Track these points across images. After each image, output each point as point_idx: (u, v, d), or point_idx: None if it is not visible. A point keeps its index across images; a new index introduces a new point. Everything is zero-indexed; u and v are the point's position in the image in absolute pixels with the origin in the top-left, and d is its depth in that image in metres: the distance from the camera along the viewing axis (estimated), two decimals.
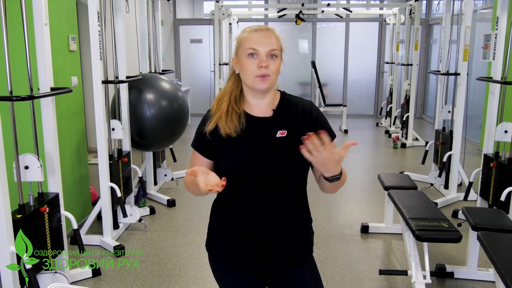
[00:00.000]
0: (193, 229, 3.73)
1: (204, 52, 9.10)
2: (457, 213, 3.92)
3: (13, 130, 2.29)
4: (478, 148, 6.27)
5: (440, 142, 4.57)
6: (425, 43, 9.28)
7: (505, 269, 2.00)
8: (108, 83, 3.39)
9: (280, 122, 1.41)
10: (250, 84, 1.37)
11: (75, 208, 3.53)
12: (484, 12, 6.91)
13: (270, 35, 1.37)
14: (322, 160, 1.21)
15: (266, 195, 1.41)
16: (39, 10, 2.41)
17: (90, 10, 3.05)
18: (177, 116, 3.95)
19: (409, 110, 6.89)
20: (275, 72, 1.37)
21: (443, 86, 4.71)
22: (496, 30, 3.47)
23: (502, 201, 3.10)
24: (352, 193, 4.60)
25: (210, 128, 1.41)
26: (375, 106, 9.72)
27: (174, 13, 9.41)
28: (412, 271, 2.64)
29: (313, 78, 8.93)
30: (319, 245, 3.38)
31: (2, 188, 2.10)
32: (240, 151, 1.40)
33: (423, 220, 2.64)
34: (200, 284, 2.86)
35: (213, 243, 1.53)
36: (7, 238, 2.15)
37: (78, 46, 3.68)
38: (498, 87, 3.47)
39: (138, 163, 4.41)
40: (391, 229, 3.58)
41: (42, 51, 2.45)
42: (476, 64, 6.65)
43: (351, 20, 9.35)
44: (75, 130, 3.63)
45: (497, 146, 3.44)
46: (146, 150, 4.29)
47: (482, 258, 2.94)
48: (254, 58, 1.35)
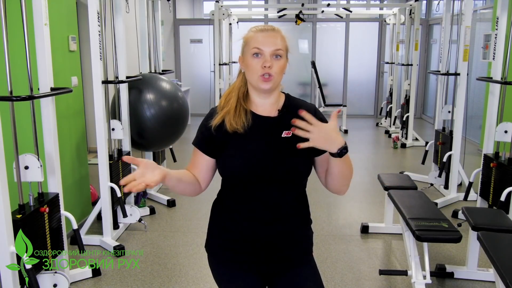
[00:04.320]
0: (193, 229, 3.73)
1: (204, 52, 9.10)
2: (457, 213, 3.92)
3: (13, 130, 2.28)
4: (478, 148, 6.27)
5: (440, 142, 4.57)
6: (425, 43, 9.28)
7: (505, 269, 2.00)
8: (108, 83, 3.39)
9: (286, 122, 1.41)
10: (254, 83, 1.38)
11: (75, 208, 3.53)
12: (484, 12, 6.91)
13: (275, 35, 1.38)
14: (320, 135, 1.22)
15: (267, 195, 1.41)
16: (39, 10, 2.41)
17: (90, 10, 3.06)
18: (177, 116, 3.95)
19: (409, 110, 6.89)
20: (278, 73, 1.37)
21: (443, 86, 4.71)
22: (496, 30, 3.47)
23: (502, 201, 3.09)
24: (352, 193, 4.60)
25: (216, 123, 1.41)
26: (375, 106, 9.72)
27: (174, 13, 9.41)
28: (412, 271, 2.64)
29: (313, 78, 8.93)
30: (319, 245, 3.38)
31: (2, 188, 2.10)
32: (245, 148, 1.40)
33: (423, 220, 2.64)
34: (200, 284, 2.86)
35: (213, 243, 1.53)
36: (7, 238, 2.15)
37: (78, 46, 3.68)
38: (498, 87, 3.47)
39: None
40: (391, 229, 3.58)
41: (42, 51, 2.45)
42: (476, 64, 6.65)
43: (351, 20, 9.35)
44: (75, 130, 3.63)
45: (497, 146, 3.44)
46: (146, 150, 4.29)
47: (482, 258, 2.94)
48: (258, 58, 1.36)
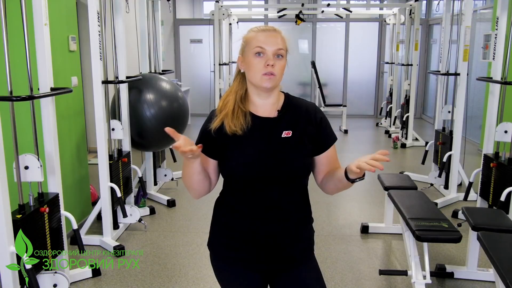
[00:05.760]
0: (193, 229, 3.73)
1: (204, 52, 9.10)
2: (457, 213, 3.92)
3: (13, 130, 2.28)
4: (478, 148, 6.27)
5: (440, 142, 4.57)
6: (425, 43, 9.29)
7: (505, 269, 2.00)
8: (108, 83, 3.39)
9: (285, 122, 1.43)
10: (256, 82, 1.38)
11: (75, 208, 3.53)
12: (484, 12, 6.91)
13: (277, 35, 1.39)
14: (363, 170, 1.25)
15: (269, 195, 1.41)
16: (39, 10, 2.41)
17: (90, 10, 3.06)
18: (177, 116, 3.95)
19: (409, 110, 6.89)
20: (280, 72, 1.38)
21: (443, 86, 4.71)
22: (496, 30, 3.47)
23: (502, 201, 3.10)
24: (352, 193, 4.60)
25: (216, 126, 1.42)
26: (375, 106, 9.72)
27: (174, 13, 9.41)
28: (412, 271, 2.64)
29: (313, 78, 8.93)
30: (319, 245, 3.38)
31: (2, 188, 2.10)
32: (245, 150, 1.40)
33: (423, 220, 2.64)
34: (200, 284, 2.86)
35: (215, 241, 1.53)
36: (7, 238, 2.15)
37: (78, 46, 3.68)
38: (498, 87, 3.47)
39: (138, 163, 4.41)
40: (391, 229, 3.58)
41: (42, 51, 2.45)
42: (476, 64, 6.65)
43: (351, 20, 9.35)
44: (75, 130, 3.63)
45: (497, 146, 3.44)
46: (146, 150, 4.29)
47: (482, 258, 2.95)
48: (261, 57, 1.37)
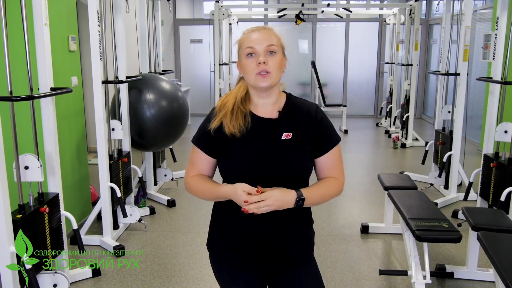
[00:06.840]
0: (193, 229, 3.73)
1: (204, 52, 9.10)
2: (457, 213, 3.92)
3: (13, 130, 2.28)
4: (478, 148, 6.27)
5: (440, 142, 4.57)
6: (425, 43, 9.29)
7: (505, 269, 2.00)
8: (108, 83, 3.39)
9: (286, 124, 1.41)
10: (253, 83, 1.38)
11: (75, 208, 3.53)
12: (484, 12, 6.91)
13: (267, 33, 1.38)
14: (275, 200, 1.30)
15: None
16: (39, 10, 2.41)
17: (90, 10, 3.05)
18: (177, 116, 3.95)
19: (409, 110, 6.89)
20: (276, 69, 1.36)
21: (443, 86, 4.71)
22: (496, 30, 3.47)
23: (502, 201, 3.09)
24: (352, 193, 4.60)
25: (215, 126, 1.41)
26: (375, 106, 9.72)
27: (174, 13, 9.41)
28: (412, 271, 2.64)
29: (313, 78, 8.93)
30: (319, 245, 3.38)
31: (2, 188, 2.09)
32: (244, 150, 1.40)
33: (423, 220, 2.64)
34: (200, 284, 2.86)
35: (215, 242, 1.53)
36: (7, 238, 2.15)
37: (78, 46, 3.68)
38: (498, 87, 3.47)
39: (138, 163, 4.41)
40: (391, 229, 3.58)
41: (42, 51, 2.44)
42: (476, 64, 6.65)
43: (351, 20, 9.35)
44: (75, 130, 3.63)
45: (497, 146, 3.44)
46: (146, 150, 4.28)
47: (482, 258, 2.95)
48: (252, 57, 1.36)
